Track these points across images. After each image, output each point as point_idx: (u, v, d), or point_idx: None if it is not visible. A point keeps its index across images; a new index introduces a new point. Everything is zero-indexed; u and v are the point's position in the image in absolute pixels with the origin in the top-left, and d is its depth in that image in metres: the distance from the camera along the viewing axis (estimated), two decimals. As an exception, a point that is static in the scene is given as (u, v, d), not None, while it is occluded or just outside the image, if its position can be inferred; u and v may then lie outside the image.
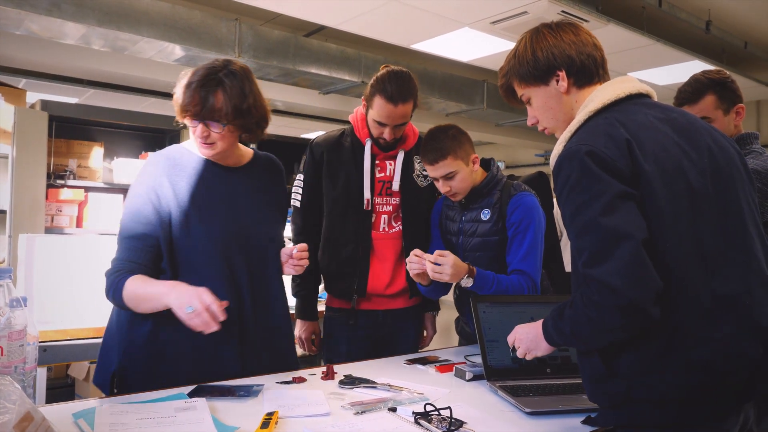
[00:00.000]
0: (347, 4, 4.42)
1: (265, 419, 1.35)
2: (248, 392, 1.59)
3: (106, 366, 1.73)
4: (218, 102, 1.65)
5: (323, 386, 1.71)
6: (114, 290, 1.63)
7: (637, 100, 1.36)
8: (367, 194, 2.27)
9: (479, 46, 5.31)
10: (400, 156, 2.31)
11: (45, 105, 4.63)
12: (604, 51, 1.45)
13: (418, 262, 1.99)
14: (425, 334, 2.52)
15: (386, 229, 2.33)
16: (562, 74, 1.40)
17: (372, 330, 2.34)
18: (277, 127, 7.74)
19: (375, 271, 2.30)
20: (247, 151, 1.92)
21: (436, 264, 1.94)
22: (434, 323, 2.54)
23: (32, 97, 5.17)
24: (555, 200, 3.25)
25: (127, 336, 1.70)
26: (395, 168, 2.31)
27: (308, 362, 2.90)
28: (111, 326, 1.78)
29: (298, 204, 2.38)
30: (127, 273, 1.64)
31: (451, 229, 2.26)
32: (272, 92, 6.28)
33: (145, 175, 1.74)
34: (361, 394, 1.64)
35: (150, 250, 1.68)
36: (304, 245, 1.85)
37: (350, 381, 1.74)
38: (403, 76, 2.16)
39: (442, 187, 2.16)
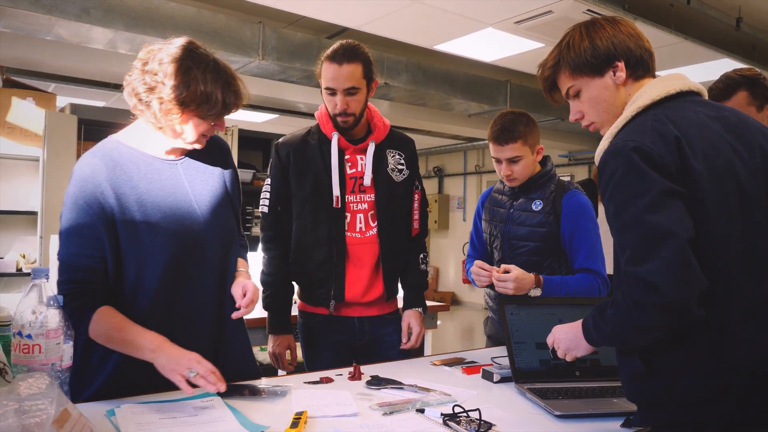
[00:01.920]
0: (370, 6, 4.43)
1: (295, 419, 1.36)
2: (277, 393, 1.60)
3: (76, 394, 1.53)
4: (242, 91, 1.60)
5: (350, 387, 1.71)
6: (77, 324, 1.44)
7: (687, 97, 1.33)
8: (336, 191, 2.12)
9: (503, 47, 5.29)
10: (371, 148, 2.18)
11: (74, 108, 4.72)
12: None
13: (487, 275, 2.08)
14: (413, 332, 2.23)
15: (363, 230, 2.18)
16: (621, 65, 1.37)
17: (350, 336, 2.20)
18: (299, 129, 7.78)
19: (351, 278, 2.15)
20: None
21: (500, 281, 2.04)
22: (420, 320, 2.26)
23: (62, 101, 5.27)
24: (599, 205, 3.23)
25: (84, 360, 1.54)
26: (366, 161, 2.17)
27: (273, 371, 2.65)
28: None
29: (266, 209, 2.22)
30: (86, 302, 1.50)
31: (499, 216, 2.30)
32: (295, 94, 6.35)
33: (82, 182, 1.53)
34: (388, 394, 1.65)
35: (100, 266, 1.53)
36: (253, 290, 1.68)
37: (377, 382, 1.74)
38: (350, 43, 2.09)
39: (504, 169, 2.21)
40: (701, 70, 5.67)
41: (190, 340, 1.55)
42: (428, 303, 2.39)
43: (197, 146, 1.63)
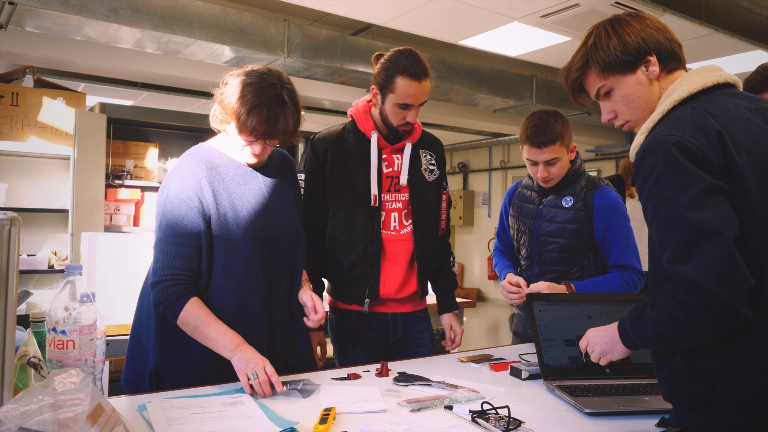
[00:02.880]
0: (395, 2, 4.42)
1: (324, 414, 1.37)
2: (306, 391, 1.60)
3: (140, 366, 1.75)
4: (284, 124, 1.69)
5: (378, 383, 1.72)
6: (170, 308, 1.65)
7: (724, 89, 1.29)
8: (374, 190, 2.14)
9: (528, 41, 5.24)
10: (408, 148, 2.19)
11: (103, 107, 4.79)
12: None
13: (518, 292, 2.11)
14: (453, 332, 2.31)
15: (397, 228, 2.19)
16: (653, 59, 1.33)
17: (382, 333, 2.21)
18: (324, 126, 7.80)
19: (386, 275, 2.17)
20: None
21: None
22: (458, 321, 2.36)
23: (91, 100, 5.36)
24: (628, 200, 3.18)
25: (162, 337, 1.72)
26: (403, 161, 2.19)
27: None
28: (140, 325, 1.79)
29: None
30: (184, 288, 1.66)
31: (528, 212, 2.29)
32: (320, 91, 6.37)
33: (185, 178, 1.71)
34: (416, 391, 1.64)
35: (195, 255, 1.69)
36: (321, 312, 1.80)
37: (405, 378, 1.74)
38: (416, 53, 2.09)
39: (541, 171, 2.18)
40: (733, 63, 5.56)
41: (269, 333, 1.76)
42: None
43: (254, 161, 1.79)
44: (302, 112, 1.77)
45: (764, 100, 1.31)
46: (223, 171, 1.77)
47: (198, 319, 1.64)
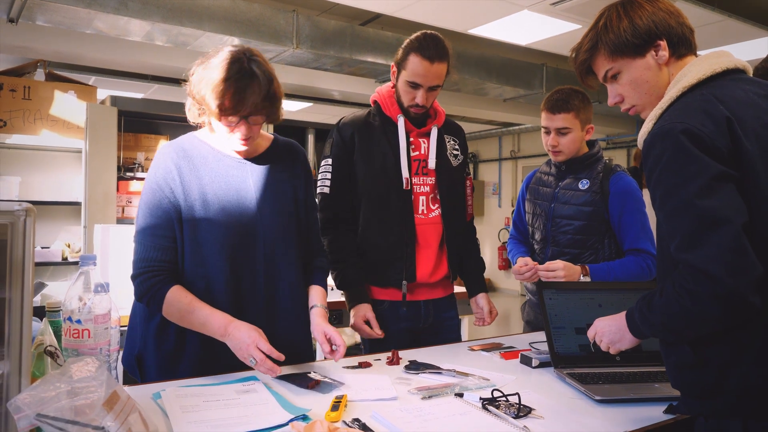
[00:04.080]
0: (404, -9, 4.41)
1: (335, 402, 1.38)
2: (330, 385, 1.58)
3: (131, 349, 1.74)
4: (256, 96, 1.59)
5: (389, 371, 1.73)
6: (152, 300, 1.62)
7: (734, 75, 1.28)
8: (405, 173, 2.14)
9: (538, 29, 5.21)
10: (434, 132, 2.21)
11: (114, 101, 4.82)
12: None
13: (530, 270, 2.13)
14: (488, 311, 2.30)
15: (425, 212, 2.20)
16: (663, 44, 1.32)
17: (414, 322, 2.21)
18: (333, 117, 7.81)
19: (420, 258, 2.18)
20: (266, 138, 1.85)
21: (549, 271, 2.08)
22: (490, 300, 2.35)
23: (102, 93, 5.39)
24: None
25: (145, 322, 1.71)
26: (429, 145, 2.20)
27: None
28: (134, 312, 1.79)
29: (327, 190, 2.20)
30: (163, 279, 1.62)
31: (543, 195, 2.33)
32: (329, 82, 6.37)
33: (157, 167, 1.68)
34: (426, 379, 1.65)
35: (172, 246, 1.65)
36: (342, 347, 1.69)
37: (415, 366, 1.75)
38: (438, 37, 2.09)
39: (551, 140, 2.26)
40: (746, 49, 5.50)
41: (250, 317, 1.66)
42: (464, 290, 2.41)
43: (245, 148, 1.71)
44: (276, 79, 1.66)
45: None
46: (197, 160, 1.70)
47: (181, 308, 1.61)
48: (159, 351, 1.68)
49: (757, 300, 1.09)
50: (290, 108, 7.98)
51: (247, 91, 1.58)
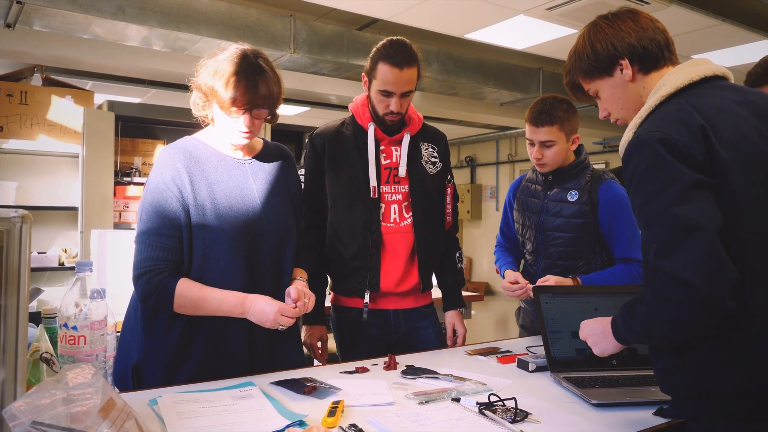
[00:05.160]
0: (400, -4, 4.42)
1: (332, 408, 1.38)
2: (328, 392, 1.58)
3: (125, 360, 1.71)
4: (265, 89, 1.66)
5: (386, 376, 1.73)
6: (160, 298, 1.62)
7: (713, 83, 1.30)
8: (373, 181, 2.13)
9: (534, 34, 5.22)
10: (406, 139, 2.18)
11: (111, 105, 4.82)
12: (668, 33, 1.41)
13: (521, 288, 2.11)
14: (456, 333, 2.28)
15: (397, 221, 2.18)
16: (625, 62, 1.37)
17: (385, 330, 2.19)
18: (331, 121, 7.81)
19: (386, 268, 2.15)
20: (257, 141, 1.89)
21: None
22: (462, 320, 2.31)
23: (99, 98, 5.38)
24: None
25: (144, 330, 1.70)
26: (401, 152, 2.18)
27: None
28: (128, 321, 1.78)
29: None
30: (169, 275, 1.64)
31: (532, 206, 2.28)
32: (326, 87, 6.37)
33: (164, 168, 1.69)
34: (423, 384, 1.65)
35: (177, 245, 1.66)
36: (301, 288, 1.74)
37: (412, 371, 1.75)
38: (405, 43, 2.09)
39: (535, 152, 2.21)
40: (740, 53, 5.51)
41: (248, 328, 1.70)
42: (462, 293, 2.38)
43: (244, 142, 1.74)
44: (282, 81, 1.75)
45: (753, 92, 1.32)
46: (203, 160, 1.74)
47: (193, 296, 1.63)
48: (162, 358, 1.67)
49: (733, 304, 1.11)
50: (288, 112, 7.98)
51: (259, 83, 1.65)
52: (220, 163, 1.76)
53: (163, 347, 1.68)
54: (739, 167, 1.17)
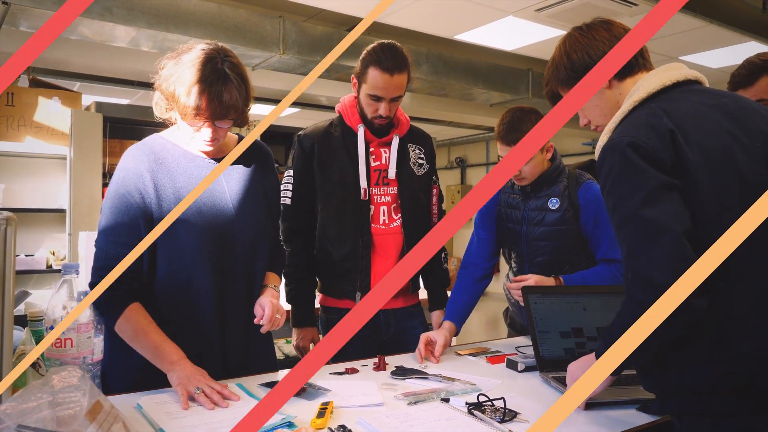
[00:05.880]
0: (389, -3, 4.42)
1: (321, 409, 1.38)
2: (318, 393, 1.58)
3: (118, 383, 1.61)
4: (228, 100, 1.54)
5: (375, 377, 1.73)
6: (107, 313, 1.54)
7: (685, 87, 1.33)
8: (363, 183, 2.13)
9: (524, 35, 5.25)
10: (395, 141, 2.18)
11: (99, 107, 4.80)
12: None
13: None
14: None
15: (386, 222, 2.18)
16: None
17: (375, 330, 2.18)
18: (318, 122, 7.80)
19: (377, 269, 2.15)
20: (231, 139, 1.79)
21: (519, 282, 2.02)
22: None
23: (87, 99, 5.35)
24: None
25: (107, 338, 1.58)
26: (390, 154, 2.18)
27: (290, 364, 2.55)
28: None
29: (288, 201, 2.18)
30: (122, 294, 1.54)
31: (514, 217, 2.23)
32: (316, 87, 6.37)
33: (125, 171, 1.60)
34: (413, 384, 1.66)
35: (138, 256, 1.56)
36: (271, 307, 1.62)
37: (402, 372, 1.75)
38: (396, 47, 2.07)
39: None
40: (727, 54, 5.56)
41: (221, 333, 1.64)
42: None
43: (209, 149, 1.65)
44: (251, 85, 1.61)
45: (725, 94, 1.33)
46: (170, 162, 1.64)
47: (137, 327, 1.54)
48: (129, 360, 1.58)
49: (702, 303, 1.12)
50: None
51: (223, 93, 1.52)
52: (189, 163, 1.66)
53: (127, 357, 1.58)
54: (707, 170, 1.19)
